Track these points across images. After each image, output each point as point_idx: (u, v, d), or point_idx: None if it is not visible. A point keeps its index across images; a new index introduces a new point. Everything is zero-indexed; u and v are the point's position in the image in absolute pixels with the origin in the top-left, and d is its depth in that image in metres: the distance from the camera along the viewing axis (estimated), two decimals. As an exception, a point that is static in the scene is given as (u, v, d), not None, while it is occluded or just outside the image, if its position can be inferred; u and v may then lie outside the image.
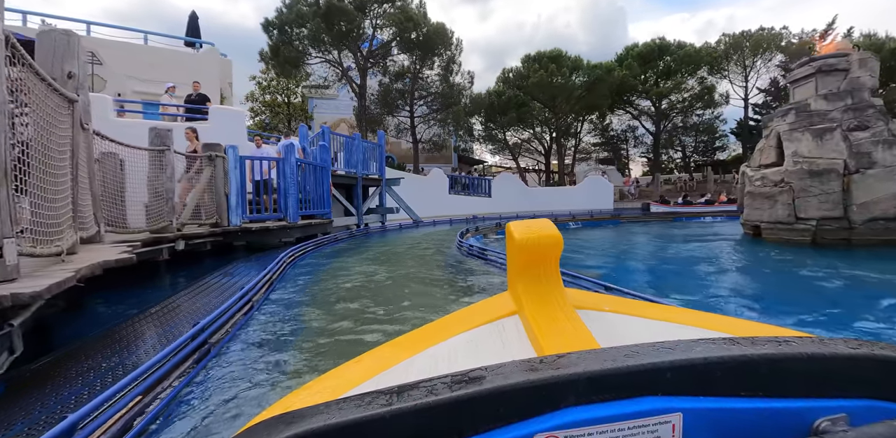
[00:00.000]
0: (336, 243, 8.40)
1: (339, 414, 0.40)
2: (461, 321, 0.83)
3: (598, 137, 35.54)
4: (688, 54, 26.15)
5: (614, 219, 15.62)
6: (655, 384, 0.44)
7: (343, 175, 11.82)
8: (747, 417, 0.44)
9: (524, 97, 23.04)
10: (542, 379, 0.43)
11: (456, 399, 0.41)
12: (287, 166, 7.57)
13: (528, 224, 0.80)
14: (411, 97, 21.27)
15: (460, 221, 14.85)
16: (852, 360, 0.46)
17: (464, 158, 29.56)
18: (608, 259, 7.44)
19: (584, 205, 23.09)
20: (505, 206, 21.98)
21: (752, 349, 0.46)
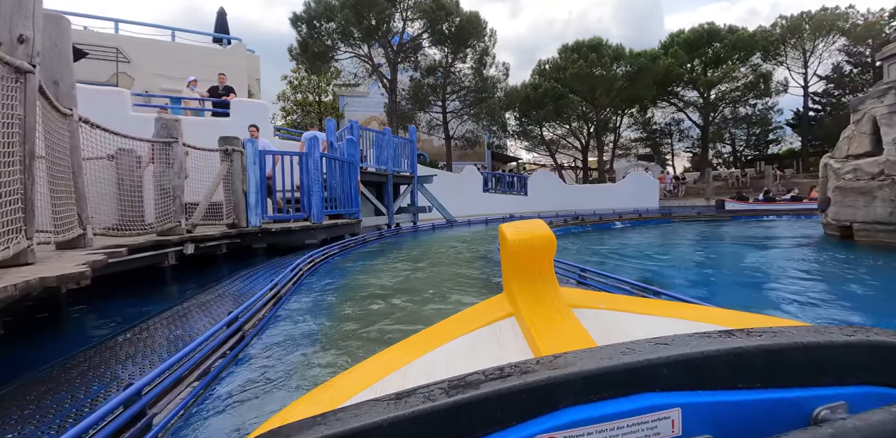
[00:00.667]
0: (364, 245, 7.68)
1: (336, 425, 0.39)
2: (458, 325, 0.84)
3: (638, 132, 33.73)
4: (740, 39, 24.21)
5: (665, 218, 14.31)
6: (653, 380, 0.44)
7: (373, 172, 11.15)
8: (746, 409, 0.44)
9: (562, 89, 21.81)
10: (539, 381, 0.42)
11: (453, 404, 0.41)
12: (311, 161, 6.90)
13: (520, 225, 0.83)
14: (443, 92, 20.48)
15: (497, 221, 13.94)
16: (848, 347, 0.45)
17: (497, 155, 28.54)
18: (673, 267, 6.39)
19: (627, 203, 21.70)
20: (542, 205, 20.89)
21: (747, 340, 0.46)
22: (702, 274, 5.98)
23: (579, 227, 12.08)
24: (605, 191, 22.29)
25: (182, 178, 5.09)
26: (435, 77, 21.12)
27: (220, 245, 5.82)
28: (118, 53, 10.63)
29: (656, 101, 29.07)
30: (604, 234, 11.38)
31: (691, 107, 29.03)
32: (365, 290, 4.01)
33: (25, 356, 2.56)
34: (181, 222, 5.01)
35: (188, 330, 2.63)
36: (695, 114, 29.52)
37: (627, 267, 6.37)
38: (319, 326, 2.82)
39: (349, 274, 4.97)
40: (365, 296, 3.72)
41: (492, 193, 19.40)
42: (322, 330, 2.75)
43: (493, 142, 25.26)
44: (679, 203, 22.53)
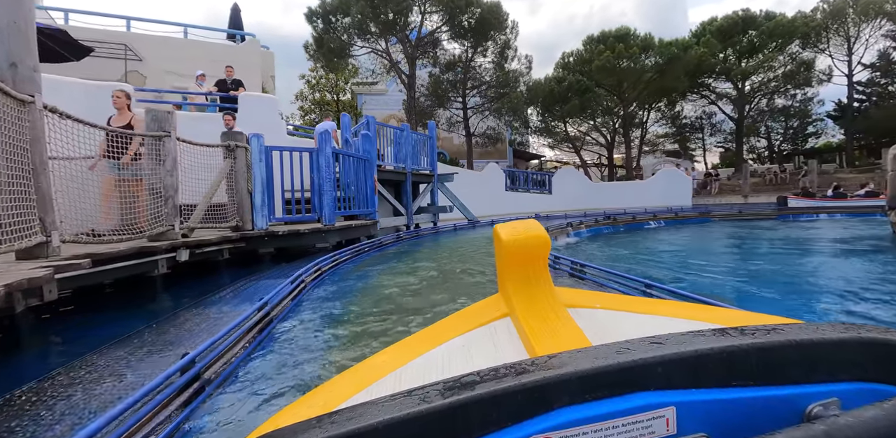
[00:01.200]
0: (379, 249, 7.07)
1: (331, 428, 0.39)
2: (453, 326, 0.84)
3: (666, 127, 32.35)
4: (779, 25, 22.76)
5: (703, 217, 13.30)
6: (647, 379, 0.44)
7: (391, 170, 10.57)
8: (740, 407, 0.44)
9: (587, 82, 20.82)
10: (535, 381, 0.42)
11: (449, 405, 0.40)
12: (321, 157, 6.32)
13: (514, 225, 0.82)
14: (463, 87, 19.79)
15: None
16: (840, 344, 0.45)
17: (519, 153, 27.70)
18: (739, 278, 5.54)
19: (657, 200, 20.63)
20: (567, 203, 20.00)
21: (741, 339, 0.46)
22: (778, 287, 5.13)
23: (611, 228, 11.24)
24: (634, 189, 21.23)
25: (175, 177, 4.55)
26: (454, 72, 20.44)
27: (222, 250, 5.28)
28: (127, 50, 10.30)
29: (686, 94, 27.75)
30: (638, 236, 10.52)
31: (724, 100, 27.58)
32: (380, 305, 3.38)
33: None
34: (174, 226, 4.47)
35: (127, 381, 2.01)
36: (728, 106, 28.06)
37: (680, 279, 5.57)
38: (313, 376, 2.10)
39: (359, 287, 4.35)
40: (378, 318, 3.08)
41: (515, 192, 18.62)
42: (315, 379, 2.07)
43: (515, 139, 24.43)
44: (713, 201, 21.30)
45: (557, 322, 0.70)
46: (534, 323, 0.70)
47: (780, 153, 30.56)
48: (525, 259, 0.79)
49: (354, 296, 3.74)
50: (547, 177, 19.90)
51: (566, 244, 8.81)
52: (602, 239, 9.84)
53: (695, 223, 12.99)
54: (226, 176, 5.58)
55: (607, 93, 22.53)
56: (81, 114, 3.95)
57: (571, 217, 13.92)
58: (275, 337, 2.57)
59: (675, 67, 20.81)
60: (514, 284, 0.79)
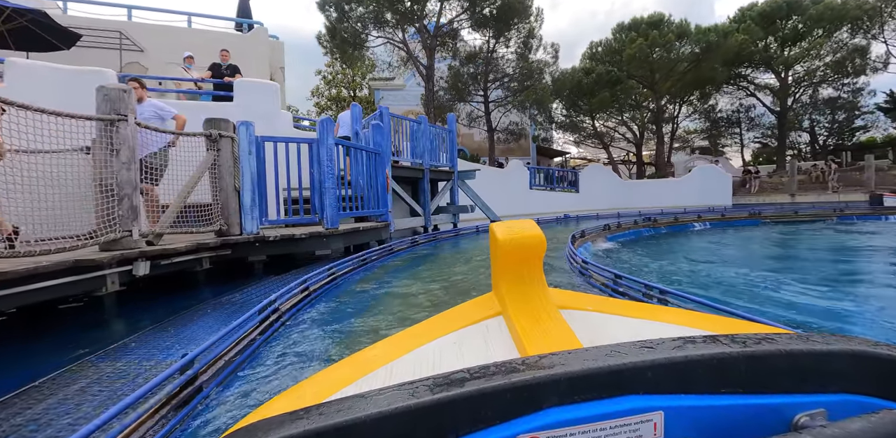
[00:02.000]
0: (389, 257, 6.10)
1: (318, 420, 0.39)
2: (445, 322, 0.83)
3: (698, 122, 30.57)
4: (828, 9, 20.92)
5: (753, 218, 11.95)
6: (637, 383, 0.44)
7: (407, 167, 9.63)
8: (728, 414, 0.44)
9: (619, 73, 19.43)
10: (524, 380, 0.43)
11: (437, 401, 0.41)
12: (323, 149, 5.39)
13: (511, 224, 0.82)
14: (485, 79, 18.69)
15: (550, 221, 12.09)
16: (830, 356, 0.46)
17: (543, 150, 26.45)
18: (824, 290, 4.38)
19: (694, 200, 19.19)
20: (596, 202, 18.75)
21: (732, 346, 0.46)
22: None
23: (651, 230, 10.03)
24: (669, 188, 19.81)
25: (134, 171, 3.67)
26: (475, 64, 19.36)
27: (200, 259, 4.40)
28: (122, 38, 9.60)
29: (720, 86, 25.99)
30: (685, 240, 9.29)
31: (764, 91, 25.74)
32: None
33: None
34: (132, 232, 3.59)
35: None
36: (767, 98, 26.20)
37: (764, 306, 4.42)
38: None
39: (359, 315, 3.37)
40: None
41: (540, 190, 17.47)
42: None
43: (539, 134, 23.22)
44: (755, 200, 19.71)
45: (549, 322, 0.70)
46: (526, 322, 0.70)
47: (824, 148, 28.47)
48: (520, 258, 0.79)
49: (343, 340, 2.70)
50: (574, 175, 18.67)
51: (604, 250, 7.68)
52: (644, 244, 8.66)
53: (744, 225, 11.65)
54: (208, 170, 4.69)
55: (638, 84, 21.09)
56: (57, 102, 3.35)
57: (603, 218, 12.74)
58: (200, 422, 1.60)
59: (713, 56, 19.25)
60: (507, 283, 0.80)
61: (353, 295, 3.93)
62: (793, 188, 18.32)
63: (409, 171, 9.66)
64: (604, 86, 18.96)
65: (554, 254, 5.69)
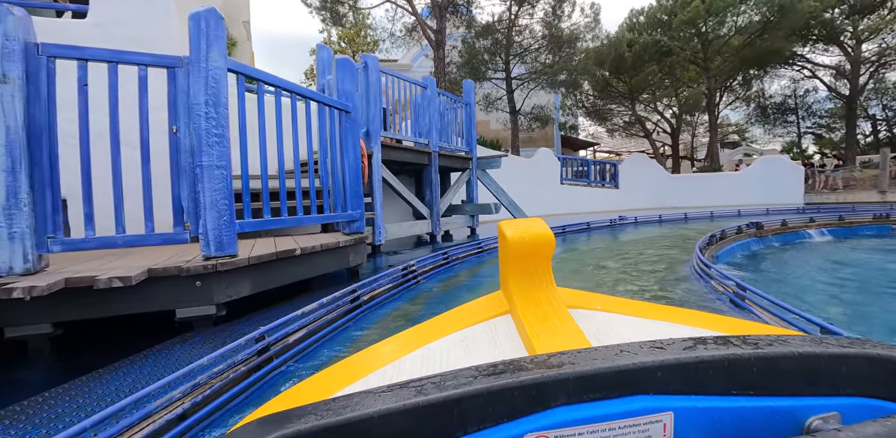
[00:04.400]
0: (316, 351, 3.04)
1: (327, 415, 0.39)
2: (454, 320, 0.83)
3: (740, 110, 27.10)
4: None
5: (880, 222, 8.76)
6: (646, 383, 0.44)
7: (407, 148, 6.68)
8: (739, 416, 0.44)
9: (669, 43, 16.08)
10: (532, 379, 0.42)
11: (445, 399, 0.40)
12: (196, 80, 2.39)
13: (519, 223, 0.81)
14: (507, 52, 15.56)
15: (603, 225, 9.01)
16: (844, 358, 0.45)
17: (569, 140, 23.27)
18: None
19: (757, 197, 15.98)
20: (639, 200, 15.62)
21: (743, 348, 0.45)
22: None
23: (759, 241, 6.95)
24: (725, 183, 16.58)
25: None
26: (494, 37, 16.25)
27: None
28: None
29: (774, 67, 22.46)
30: (815, 256, 6.20)
31: (826, 72, 22.21)
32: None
33: None
34: None
35: None
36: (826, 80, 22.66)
37: None
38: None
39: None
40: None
41: (573, 185, 14.39)
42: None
43: (567, 121, 20.08)
44: (836, 198, 16.35)
45: (558, 321, 0.69)
46: (534, 321, 0.70)
47: (891, 140, 24.85)
48: (529, 257, 0.78)
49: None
50: (614, 167, 15.53)
51: (744, 257, 4.64)
52: (769, 265, 5.56)
53: (871, 232, 8.46)
54: None
55: (688, 59, 17.78)
56: None
57: (669, 221, 9.64)
58: None
59: (782, 23, 15.84)
60: (516, 282, 0.79)
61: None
62: (885, 184, 15.02)
63: (410, 155, 6.69)
64: (650, 59, 15.72)
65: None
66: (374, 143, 5.83)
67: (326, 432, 0.38)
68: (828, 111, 24.99)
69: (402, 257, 5.56)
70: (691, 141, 29.21)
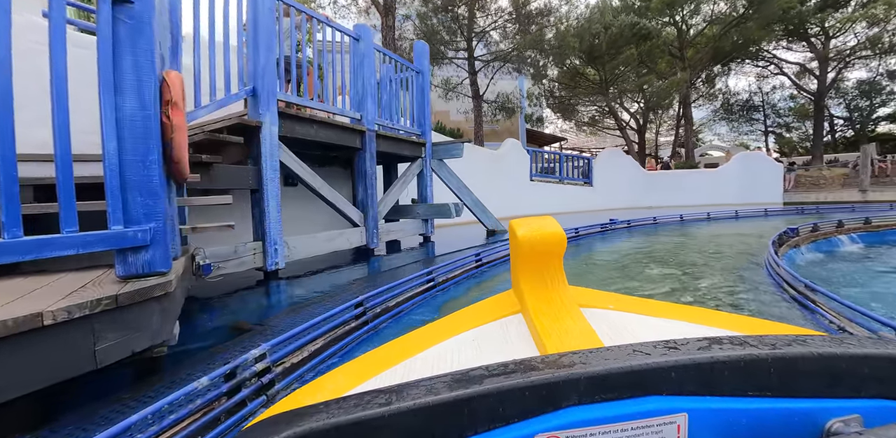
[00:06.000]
0: None
1: (338, 413, 0.39)
2: (464, 320, 0.82)
3: (706, 107, 26.53)
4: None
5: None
6: (660, 383, 0.43)
7: (328, 123, 4.53)
8: (756, 418, 0.43)
9: (650, 25, 14.53)
10: (544, 379, 0.42)
11: (455, 398, 0.40)
12: None
13: (531, 221, 0.79)
14: (469, 28, 13.59)
15: (593, 233, 7.18)
16: (866, 360, 0.44)
17: (534, 134, 21.65)
18: None
19: (734, 196, 14.89)
20: (614, 199, 14.14)
21: (760, 348, 0.45)
22: None
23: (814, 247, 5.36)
24: (703, 181, 15.38)
25: None
26: (454, 12, 14.24)
27: None
28: None
29: (729, 65, 21.85)
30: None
31: (792, 68, 21.70)
32: None
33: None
34: None
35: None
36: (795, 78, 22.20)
37: None
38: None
39: None
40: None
41: (544, 182, 12.65)
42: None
43: (534, 113, 18.40)
44: (814, 197, 15.49)
45: (570, 321, 0.69)
46: (546, 320, 0.69)
47: (848, 139, 24.92)
48: (540, 256, 0.77)
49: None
50: (588, 163, 13.92)
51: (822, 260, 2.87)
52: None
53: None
54: None
55: (667, 45, 16.43)
56: None
57: (663, 222, 8.00)
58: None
59: (764, 11, 14.73)
60: (527, 281, 0.78)
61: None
62: (866, 183, 14.23)
63: (333, 133, 4.57)
64: (626, 43, 14.20)
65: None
66: (264, 108, 3.70)
67: (338, 430, 0.38)
68: (789, 110, 24.76)
69: (317, 282, 3.47)
70: (655, 139, 28.51)
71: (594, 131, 24.76)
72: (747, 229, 7.35)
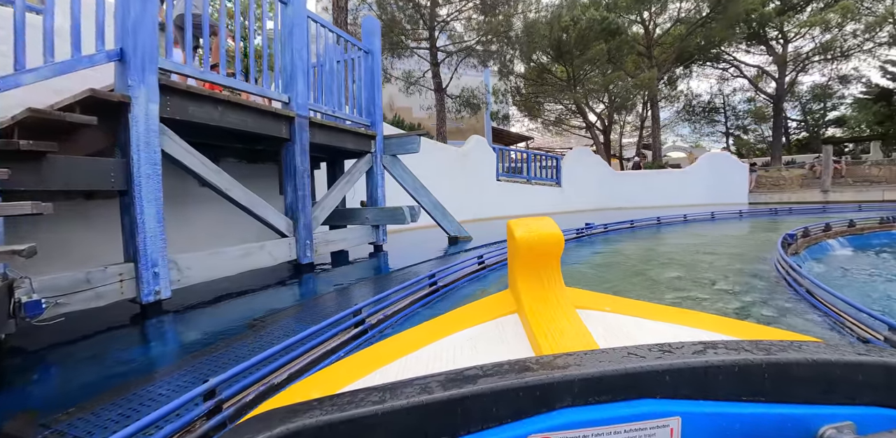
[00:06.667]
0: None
1: (332, 410, 0.39)
2: (460, 319, 0.82)
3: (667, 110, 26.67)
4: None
5: (888, 229, 7.07)
6: (654, 387, 0.43)
7: (242, 104, 3.46)
8: (749, 423, 0.43)
9: (618, 20, 13.99)
10: (538, 380, 0.42)
11: (449, 397, 0.40)
12: None
13: (528, 222, 0.79)
14: (431, 16, 12.66)
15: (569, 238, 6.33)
16: (861, 367, 0.44)
17: (500, 133, 20.97)
18: None
19: (702, 196, 14.71)
20: (584, 199, 13.60)
21: (755, 353, 0.45)
22: None
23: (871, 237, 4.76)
24: (672, 181, 15.07)
25: None
26: (414, 1, 13.27)
27: None
28: None
29: (691, 66, 21.97)
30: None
31: (754, 71, 21.96)
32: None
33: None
34: None
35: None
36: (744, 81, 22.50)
37: None
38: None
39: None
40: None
41: (510, 182, 11.90)
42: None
43: (499, 110, 17.66)
44: (778, 198, 15.48)
45: (566, 322, 0.68)
46: (542, 321, 0.68)
47: (801, 142, 25.63)
48: (538, 257, 0.76)
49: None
50: (556, 162, 13.28)
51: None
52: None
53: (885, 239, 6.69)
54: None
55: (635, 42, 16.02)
56: None
57: (641, 227, 7.36)
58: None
59: (732, 8, 14.52)
60: (524, 281, 0.77)
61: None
62: (827, 183, 14.28)
63: (248, 118, 3.52)
64: (596, 38, 13.64)
65: None
66: (136, 78, 2.68)
67: (331, 427, 0.38)
68: (746, 112, 25.21)
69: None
70: (619, 140, 28.51)
71: (560, 131, 24.36)
72: (734, 235, 6.79)
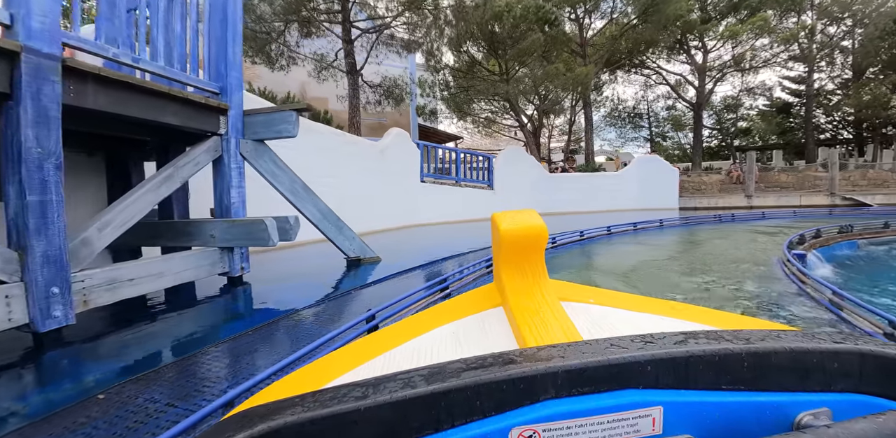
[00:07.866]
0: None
1: (314, 407, 0.39)
2: (445, 313, 0.82)
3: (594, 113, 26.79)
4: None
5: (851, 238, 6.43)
6: (636, 377, 0.43)
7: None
8: (729, 411, 0.43)
9: (555, 11, 12.97)
10: (521, 372, 0.42)
11: (432, 391, 0.40)
12: None
13: (513, 214, 0.79)
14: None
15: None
16: (836, 355, 0.45)
17: (427, 131, 19.43)
18: None
19: (634, 201, 14.22)
20: (519, 204, 12.28)
21: (734, 343, 0.45)
22: None
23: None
24: (605, 184, 14.40)
25: None
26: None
27: None
28: None
29: (617, 72, 22.15)
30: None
31: (673, 79, 22.45)
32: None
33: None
34: None
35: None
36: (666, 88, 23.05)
37: None
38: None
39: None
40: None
41: (437, 184, 10.37)
42: None
43: (427, 105, 16.12)
44: (706, 202, 15.41)
45: (550, 314, 0.68)
46: (526, 314, 0.68)
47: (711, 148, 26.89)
48: (522, 249, 0.76)
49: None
50: (488, 162, 11.96)
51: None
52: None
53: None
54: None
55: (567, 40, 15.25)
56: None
57: (591, 237, 6.12)
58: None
59: (664, 9, 14.20)
60: (509, 274, 0.77)
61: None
62: (751, 188, 14.40)
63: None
64: (529, 28, 12.58)
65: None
66: None
67: (313, 424, 0.37)
68: (666, 119, 25.96)
69: None
70: (548, 143, 28.25)
71: (490, 133, 23.41)
72: (709, 252, 5.74)
